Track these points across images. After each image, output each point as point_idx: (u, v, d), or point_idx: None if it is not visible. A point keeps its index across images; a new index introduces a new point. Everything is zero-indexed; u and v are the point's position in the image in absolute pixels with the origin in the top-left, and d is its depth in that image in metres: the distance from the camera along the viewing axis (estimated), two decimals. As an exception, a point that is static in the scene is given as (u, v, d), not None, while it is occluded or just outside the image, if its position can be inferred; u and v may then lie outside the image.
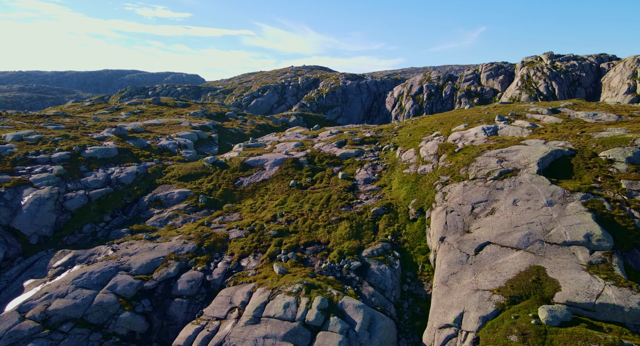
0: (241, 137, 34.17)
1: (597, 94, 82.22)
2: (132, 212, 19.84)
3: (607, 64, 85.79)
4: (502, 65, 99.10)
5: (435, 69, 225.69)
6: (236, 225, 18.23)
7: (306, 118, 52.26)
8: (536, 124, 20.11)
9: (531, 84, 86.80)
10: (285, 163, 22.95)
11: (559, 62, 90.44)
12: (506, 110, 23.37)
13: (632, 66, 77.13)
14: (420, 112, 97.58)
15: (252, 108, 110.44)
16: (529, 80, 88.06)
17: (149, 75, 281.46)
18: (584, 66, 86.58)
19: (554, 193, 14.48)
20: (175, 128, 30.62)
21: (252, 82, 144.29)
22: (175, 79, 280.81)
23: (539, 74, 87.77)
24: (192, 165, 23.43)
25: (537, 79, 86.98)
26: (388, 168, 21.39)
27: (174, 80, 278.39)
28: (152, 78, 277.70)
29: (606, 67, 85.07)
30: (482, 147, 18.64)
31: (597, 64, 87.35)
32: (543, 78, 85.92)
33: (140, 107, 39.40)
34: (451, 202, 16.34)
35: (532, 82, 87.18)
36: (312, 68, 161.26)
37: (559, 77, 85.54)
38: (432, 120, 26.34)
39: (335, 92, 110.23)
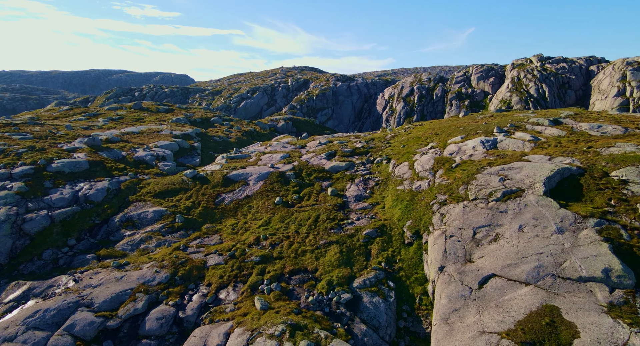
0: (226, 145, 32.36)
1: (586, 97, 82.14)
2: (101, 234, 17.98)
3: (597, 66, 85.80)
4: (492, 67, 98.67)
5: (426, 69, 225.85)
6: (215, 249, 16.52)
7: (295, 123, 50.61)
8: (538, 137, 18.78)
9: (522, 86, 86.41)
10: (270, 177, 21.28)
11: (548, 65, 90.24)
12: (504, 120, 22.06)
13: (622, 69, 77.11)
14: (411, 114, 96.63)
15: (241, 110, 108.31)
16: (520, 82, 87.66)
17: (137, 75, 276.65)
18: (574, 68, 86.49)
19: (564, 218, 13.10)
20: (155, 137, 28.70)
21: (241, 83, 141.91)
22: (164, 79, 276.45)
23: (529, 76, 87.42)
24: (170, 179, 21.61)
25: (527, 81, 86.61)
26: (381, 184, 19.87)
27: (163, 80, 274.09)
28: (140, 78, 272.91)
29: (595, 70, 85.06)
30: (482, 163, 17.22)
31: (587, 66, 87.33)
32: (533, 80, 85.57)
33: (120, 113, 37.29)
34: (450, 225, 14.88)
35: (522, 84, 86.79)
36: (303, 69, 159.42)
37: (549, 79, 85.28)
38: (426, 130, 24.92)
39: (326, 94, 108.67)
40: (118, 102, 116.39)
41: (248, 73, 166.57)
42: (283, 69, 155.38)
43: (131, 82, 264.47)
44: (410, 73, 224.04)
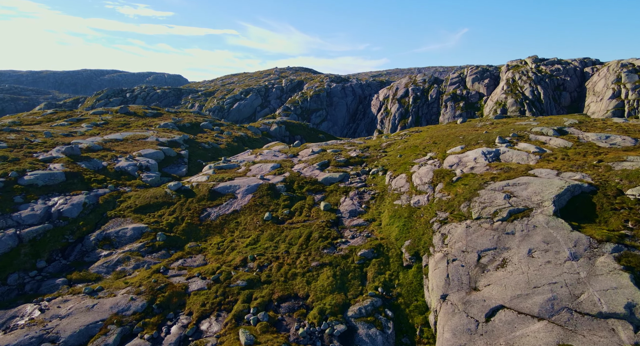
0: (215, 152, 30.95)
1: (581, 98, 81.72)
2: (75, 254, 16.54)
3: (591, 68, 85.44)
4: (487, 69, 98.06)
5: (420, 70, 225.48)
6: (198, 272, 15.17)
7: (289, 127, 49.27)
8: (543, 148, 17.68)
9: (517, 88, 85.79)
10: (260, 190, 19.95)
11: (543, 66, 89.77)
12: (506, 129, 20.95)
13: (616, 71, 76.73)
14: (406, 116, 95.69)
15: (234, 111, 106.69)
16: (515, 84, 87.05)
17: (130, 76, 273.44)
18: (568, 70, 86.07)
19: (577, 242, 11.96)
20: (140, 144, 27.23)
21: (235, 83, 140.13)
22: (157, 79, 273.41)
23: (524, 77, 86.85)
24: (152, 192, 20.19)
25: (522, 83, 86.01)
26: (377, 198, 18.64)
27: (156, 80, 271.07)
28: (133, 78, 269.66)
29: (590, 72, 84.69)
30: (485, 177, 16.05)
31: (581, 68, 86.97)
32: (528, 82, 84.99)
33: (105, 117, 35.71)
34: (453, 247, 13.69)
35: (517, 86, 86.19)
36: (297, 69, 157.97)
37: (544, 81, 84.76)
38: (423, 138, 23.75)
39: (320, 95, 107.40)
40: (109, 103, 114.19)
41: (242, 73, 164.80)
42: (277, 70, 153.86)
43: (124, 82, 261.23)
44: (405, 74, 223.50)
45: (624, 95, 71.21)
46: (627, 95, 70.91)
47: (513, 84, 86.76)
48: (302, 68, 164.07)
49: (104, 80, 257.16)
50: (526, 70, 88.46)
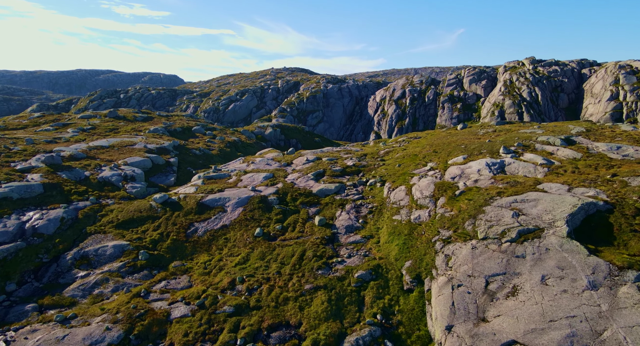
0: (207, 159, 29.69)
1: (579, 100, 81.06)
2: (49, 275, 15.28)
3: (589, 69, 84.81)
4: (484, 70, 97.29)
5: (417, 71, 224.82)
6: (182, 296, 13.96)
7: (284, 130, 48.06)
8: (551, 160, 16.60)
9: (514, 89, 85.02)
10: (251, 203, 18.75)
11: (541, 68, 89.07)
12: (510, 137, 19.86)
13: (614, 72, 76.10)
14: (403, 117, 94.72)
15: (229, 112, 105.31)
16: (512, 85, 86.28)
17: (125, 76, 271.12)
18: (566, 72, 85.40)
19: (595, 269, 10.87)
20: (127, 152, 25.93)
21: (230, 84, 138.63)
22: (153, 79, 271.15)
23: (522, 79, 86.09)
24: (136, 205, 18.94)
25: (520, 84, 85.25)
26: (374, 212, 17.49)
27: (151, 80, 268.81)
28: (128, 78, 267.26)
29: (587, 73, 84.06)
30: (490, 192, 14.95)
31: (579, 69, 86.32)
32: (526, 83, 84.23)
33: (92, 122, 34.35)
34: (457, 271, 12.57)
35: (515, 87, 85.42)
36: (293, 70, 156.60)
37: (542, 82, 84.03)
38: (423, 146, 22.63)
39: (316, 96, 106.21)
40: (102, 104, 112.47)
41: (238, 74, 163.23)
42: (273, 70, 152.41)
43: (119, 83, 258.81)
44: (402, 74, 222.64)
45: (622, 97, 70.56)
46: (625, 97, 70.25)
47: (510, 85, 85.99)
48: (299, 68, 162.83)
49: (99, 80, 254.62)
50: (524, 72, 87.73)
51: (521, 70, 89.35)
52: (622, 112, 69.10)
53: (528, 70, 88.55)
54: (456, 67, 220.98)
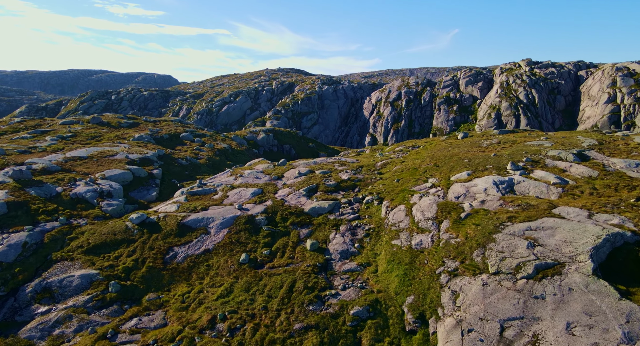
0: (194, 169, 27.93)
1: (576, 102, 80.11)
2: (4, 311, 13.48)
3: (585, 71, 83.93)
4: (480, 72, 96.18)
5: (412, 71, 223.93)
6: (154, 338, 12.25)
7: (277, 135, 46.35)
8: (564, 178, 15.10)
9: (511, 91, 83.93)
10: (237, 223, 17.07)
11: (537, 69, 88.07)
12: (517, 150, 18.34)
13: (612, 75, 75.20)
14: (399, 119, 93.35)
15: (223, 114, 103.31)
16: (509, 87, 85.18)
17: (118, 76, 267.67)
18: (563, 74, 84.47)
19: (630, 316, 9.35)
20: (106, 163, 24.11)
21: (224, 85, 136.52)
22: (147, 79, 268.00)
23: (519, 81, 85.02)
24: (110, 226, 17.17)
25: (516, 86, 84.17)
26: (372, 235, 15.89)
27: (145, 81, 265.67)
28: (122, 78, 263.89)
29: (584, 75, 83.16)
30: (500, 216, 13.40)
31: (575, 71, 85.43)
32: (523, 85, 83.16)
33: (74, 129, 32.43)
34: (467, 312, 11.00)
35: (511, 89, 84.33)
36: (288, 71, 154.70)
37: (538, 84, 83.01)
38: (423, 159, 21.07)
39: (311, 98, 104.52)
40: (93, 105, 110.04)
41: (232, 75, 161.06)
42: (268, 71, 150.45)
43: (112, 83, 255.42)
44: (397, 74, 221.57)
45: (620, 100, 69.64)
46: (622, 100, 69.33)
47: (507, 87, 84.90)
48: (293, 69, 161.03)
49: (92, 80, 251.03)
50: (520, 74, 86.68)
51: (517, 72, 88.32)
52: (620, 115, 68.18)
53: (525, 72, 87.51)
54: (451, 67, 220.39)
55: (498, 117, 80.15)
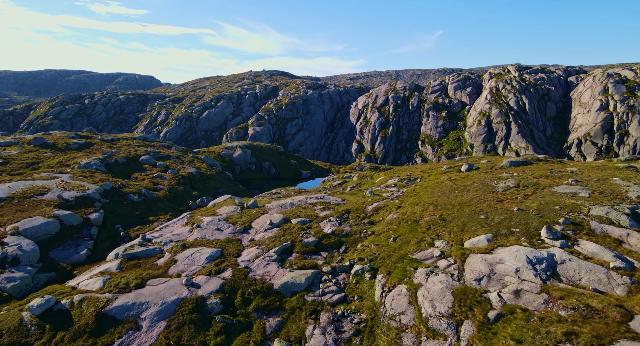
0: (148, 207, 23.01)
1: (567, 109, 77.51)
2: None
3: (576, 77, 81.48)
4: (469, 77, 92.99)
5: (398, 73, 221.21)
6: None
7: (255, 152, 41.59)
8: (626, 257, 10.95)
9: (501, 97, 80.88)
10: (180, 312, 12.40)
11: (527, 75, 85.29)
12: (547, 203, 14.14)
13: (603, 81, 72.73)
14: (386, 126, 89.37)
15: (204, 120, 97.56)
16: (499, 93, 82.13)
17: (98, 77, 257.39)
18: (553, 79, 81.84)
19: None
20: (29, 207, 19.02)
21: (206, 88, 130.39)
22: (128, 80, 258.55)
23: (508, 87, 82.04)
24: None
25: (506, 92, 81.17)
26: (364, 333, 11.45)
27: (126, 81, 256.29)
28: (102, 79, 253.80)
29: (574, 81, 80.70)
30: (551, 329, 9.12)
31: (565, 77, 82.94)
32: (513, 91, 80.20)
33: (8, 153, 27.04)
34: None
35: (501, 95, 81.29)
36: (272, 73, 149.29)
37: (529, 90, 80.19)
38: (424, 206, 16.73)
39: (296, 103, 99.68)
40: (64, 110, 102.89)
41: (214, 77, 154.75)
42: (252, 74, 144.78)
43: (91, 84, 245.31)
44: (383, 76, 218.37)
45: (612, 107, 67.14)
46: (615, 107, 66.83)
47: (497, 93, 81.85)
48: (278, 71, 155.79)
49: (70, 81, 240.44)
50: (509, 79, 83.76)
51: (507, 77, 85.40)
52: (613, 123, 65.67)
53: (514, 77, 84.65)
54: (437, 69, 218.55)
55: (488, 124, 77.02)
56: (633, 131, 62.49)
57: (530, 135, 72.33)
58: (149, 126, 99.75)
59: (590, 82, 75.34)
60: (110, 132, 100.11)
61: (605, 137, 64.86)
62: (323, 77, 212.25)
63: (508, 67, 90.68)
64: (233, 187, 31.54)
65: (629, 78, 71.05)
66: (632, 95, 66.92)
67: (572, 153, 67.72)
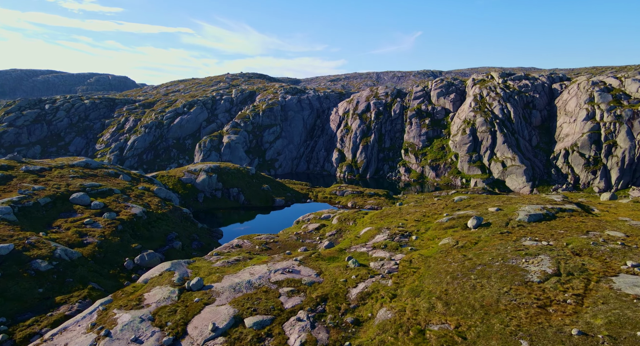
0: (58, 279, 17.12)
1: (552, 117, 74.79)
2: None
3: (560, 84, 78.95)
4: (452, 83, 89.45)
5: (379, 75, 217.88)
6: None
7: (222, 176, 35.89)
8: None
9: (485, 105, 77.47)
10: None
11: (511, 82, 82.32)
12: (617, 319, 9.38)
13: (588, 89, 70.20)
14: (368, 133, 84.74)
15: (175, 127, 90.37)
16: (483, 101, 78.74)
17: (68, 77, 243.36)
18: (537, 86, 79.07)
19: None
20: None
21: (180, 92, 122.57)
22: (100, 81, 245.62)
23: (492, 94, 78.78)
24: None
25: (490, 99, 77.85)
26: None
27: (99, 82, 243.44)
28: (72, 79, 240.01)
29: (559, 88, 78.13)
30: None
31: (549, 84, 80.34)
32: (497, 99, 76.93)
33: None
34: None
35: (485, 103, 77.91)
36: (251, 76, 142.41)
37: (513, 98, 77.12)
38: (429, 298, 11.74)
39: (274, 109, 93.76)
40: (21, 116, 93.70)
41: (190, 80, 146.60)
42: (228, 77, 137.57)
43: (60, 85, 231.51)
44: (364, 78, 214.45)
45: (599, 117, 64.56)
46: (602, 117, 64.26)
47: (481, 100, 78.48)
48: (257, 74, 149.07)
49: (37, 82, 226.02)
50: (493, 86, 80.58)
51: (491, 84, 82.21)
52: (600, 134, 63.04)
53: (498, 84, 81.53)
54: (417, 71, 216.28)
55: (473, 133, 73.49)
56: (621, 142, 59.93)
57: (516, 145, 69.15)
58: (116, 133, 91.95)
59: (575, 90, 72.81)
60: (73, 140, 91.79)
61: (592, 147, 62.17)
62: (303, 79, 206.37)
63: (491, 73, 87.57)
64: (189, 228, 25.90)
65: (614, 86, 68.75)
66: (618, 105, 64.50)
67: (559, 165, 64.83)
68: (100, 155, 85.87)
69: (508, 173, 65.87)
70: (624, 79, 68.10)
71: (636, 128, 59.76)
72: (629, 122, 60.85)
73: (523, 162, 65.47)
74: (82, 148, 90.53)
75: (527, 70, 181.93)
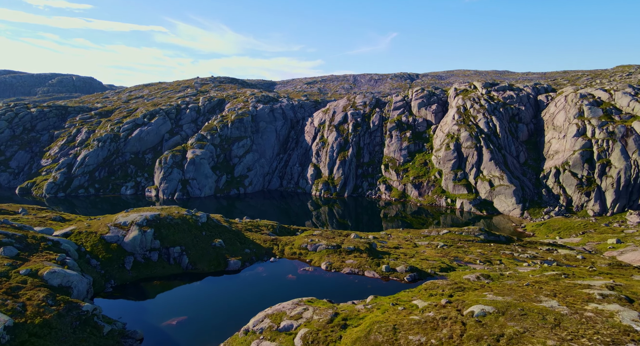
0: None
1: (539, 132, 69.54)
2: None
3: (545, 96, 73.85)
4: (433, 93, 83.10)
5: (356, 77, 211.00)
6: None
7: (161, 230, 27.00)
8: None
9: (469, 118, 71.34)
10: None
11: (495, 92, 76.65)
12: None
13: (577, 102, 65.07)
14: (346, 147, 77.30)
15: (133, 140, 79.84)
16: (467, 113, 72.63)
17: (28, 77, 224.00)
18: (522, 98, 73.65)
19: None
20: None
21: (144, 98, 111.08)
22: (63, 82, 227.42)
23: (477, 106, 72.79)
24: None
25: (475, 112, 71.80)
26: None
27: (61, 83, 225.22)
28: (32, 80, 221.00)
29: (544, 100, 73.04)
30: None
31: (535, 95, 75.14)
32: (482, 111, 70.95)
33: None
34: None
35: (470, 115, 71.80)
36: (222, 80, 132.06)
37: (498, 110, 71.35)
38: None
39: (244, 120, 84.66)
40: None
41: (156, 84, 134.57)
42: (198, 82, 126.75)
43: (19, 86, 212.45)
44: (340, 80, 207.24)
45: (591, 133, 59.44)
46: (594, 133, 59.13)
47: (465, 113, 72.28)
48: (228, 78, 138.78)
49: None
50: (477, 97, 74.58)
51: (474, 94, 76.19)
52: (593, 151, 57.80)
53: (482, 95, 75.57)
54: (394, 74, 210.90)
55: (457, 149, 67.04)
56: (615, 161, 54.75)
57: (503, 162, 63.20)
58: (65, 147, 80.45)
59: (562, 103, 67.54)
60: (15, 154, 79.59)
61: (585, 167, 56.80)
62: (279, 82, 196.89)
63: (474, 83, 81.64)
64: (88, 341, 17.24)
65: (604, 100, 63.80)
66: (610, 120, 59.40)
67: (550, 184, 59.21)
68: (45, 172, 74.37)
69: (496, 193, 59.63)
70: (614, 91, 63.08)
71: (631, 147, 54.51)
72: (622, 140, 55.58)
73: (512, 182, 59.36)
74: (25, 164, 78.61)
75: (501, 74, 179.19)
